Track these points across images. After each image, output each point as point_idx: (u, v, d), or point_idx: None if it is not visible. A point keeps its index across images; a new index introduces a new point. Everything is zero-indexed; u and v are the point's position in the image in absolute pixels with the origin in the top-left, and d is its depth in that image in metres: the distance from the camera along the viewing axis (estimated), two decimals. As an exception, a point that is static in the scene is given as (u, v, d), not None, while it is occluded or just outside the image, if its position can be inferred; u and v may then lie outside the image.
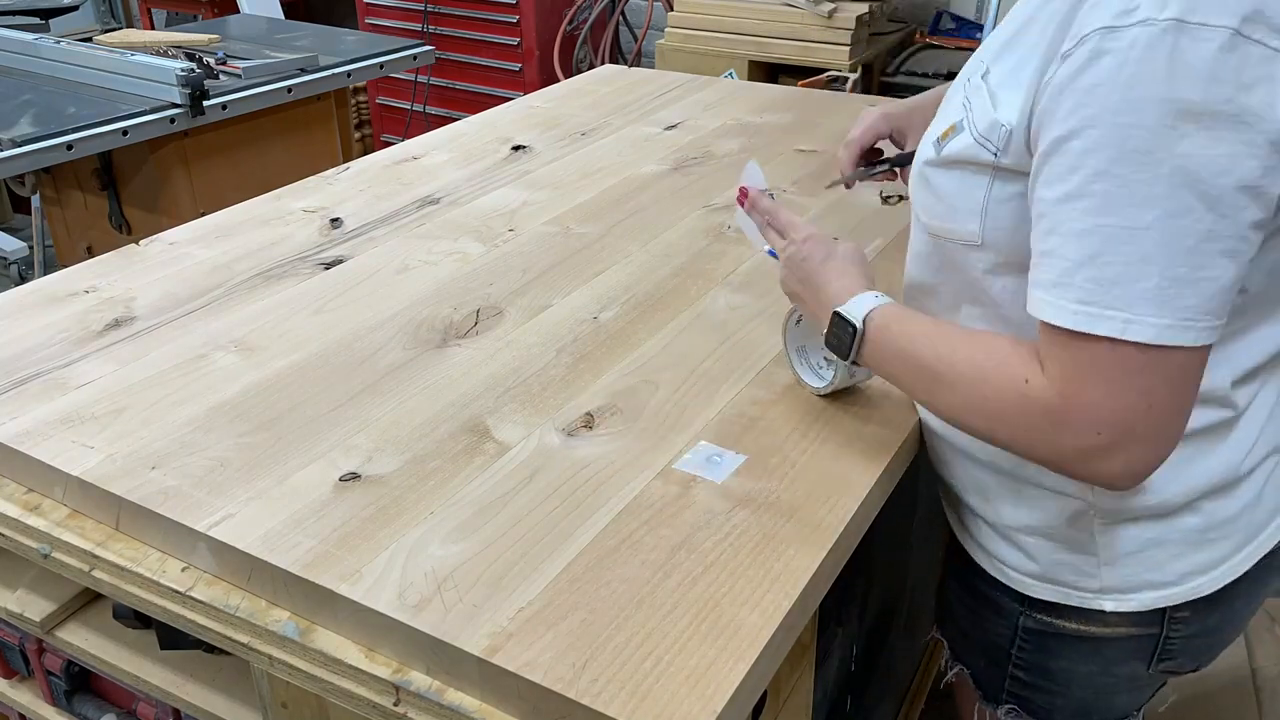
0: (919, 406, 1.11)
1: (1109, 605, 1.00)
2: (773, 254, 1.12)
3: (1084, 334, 0.78)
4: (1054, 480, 0.97)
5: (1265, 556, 1.02)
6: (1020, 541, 1.03)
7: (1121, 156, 0.75)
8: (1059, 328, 0.80)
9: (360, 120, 4.67)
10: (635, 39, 4.42)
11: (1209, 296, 0.76)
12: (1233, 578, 1.00)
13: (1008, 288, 0.93)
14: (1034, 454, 0.86)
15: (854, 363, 0.98)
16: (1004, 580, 1.06)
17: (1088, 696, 1.09)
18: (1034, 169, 0.83)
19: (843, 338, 0.98)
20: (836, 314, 0.98)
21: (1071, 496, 0.98)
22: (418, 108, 4.44)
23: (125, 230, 2.59)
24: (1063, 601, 1.03)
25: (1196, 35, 0.73)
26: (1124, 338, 0.77)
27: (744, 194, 1.14)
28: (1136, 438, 0.80)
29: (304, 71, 2.65)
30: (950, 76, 3.65)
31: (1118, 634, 1.03)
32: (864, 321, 0.96)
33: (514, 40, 4.23)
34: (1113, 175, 0.75)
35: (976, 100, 0.91)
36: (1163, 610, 1.00)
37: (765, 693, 0.90)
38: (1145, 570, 0.99)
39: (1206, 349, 0.79)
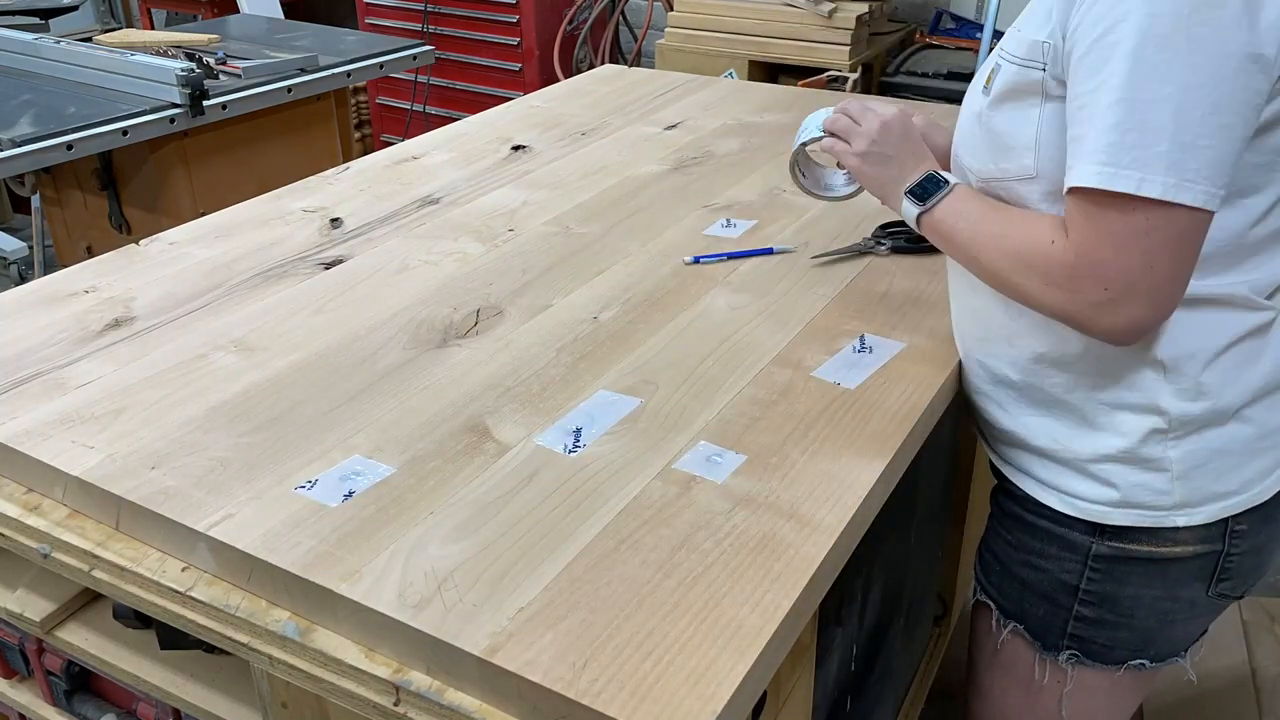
0: (972, 373, 1.22)
1: (1181, 520, 1.09)
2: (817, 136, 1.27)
3: (1103, 193, 0.91)
4: (1132, 399, 1.06)
5: None
6: (1097, 471, 1.10)
7: (1145, 41, 0.88)
8: (1082, 190, 0.92)
9: (360, 120, 4.67)
10: (635, 39, 4.42)
11: (1210, 163, 0.88)
12: None
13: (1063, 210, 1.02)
14: (1054, 305, 0.98)
15: (925, 211, 1.11)
16: (1076, 514, 1.13)
17: (1151, 625, 1.15)
18: (1071, 73, 0.94)
19: (929, 189, 1.12)
20: (932, 174, 1.13)
21: (1145, 413, 1.06)
22: (418, 108, 4.44)
23: (125, 230, 2.59)
24: (1137, 524, 1.10)
25: None
26: (1138, 193, 0.89)
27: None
28: (1138, 294, 0.92)
29: (304, 71, 2.65)
30: (950, 76, 3.66)
31: (1185, 553, 1.10)
32: (953, 186, 1.11)
33: (514, 40, 4.23)
34: (1137, 57, 0.88)
35: (1010, 42, 1.04)
36: (1225, 522, 1.09)
37: (765, 693, 0.90)
38: (1211, 481, 1.08)
39: (1207, 215, 0.91)
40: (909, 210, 1.14)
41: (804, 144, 1.29)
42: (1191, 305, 1.01)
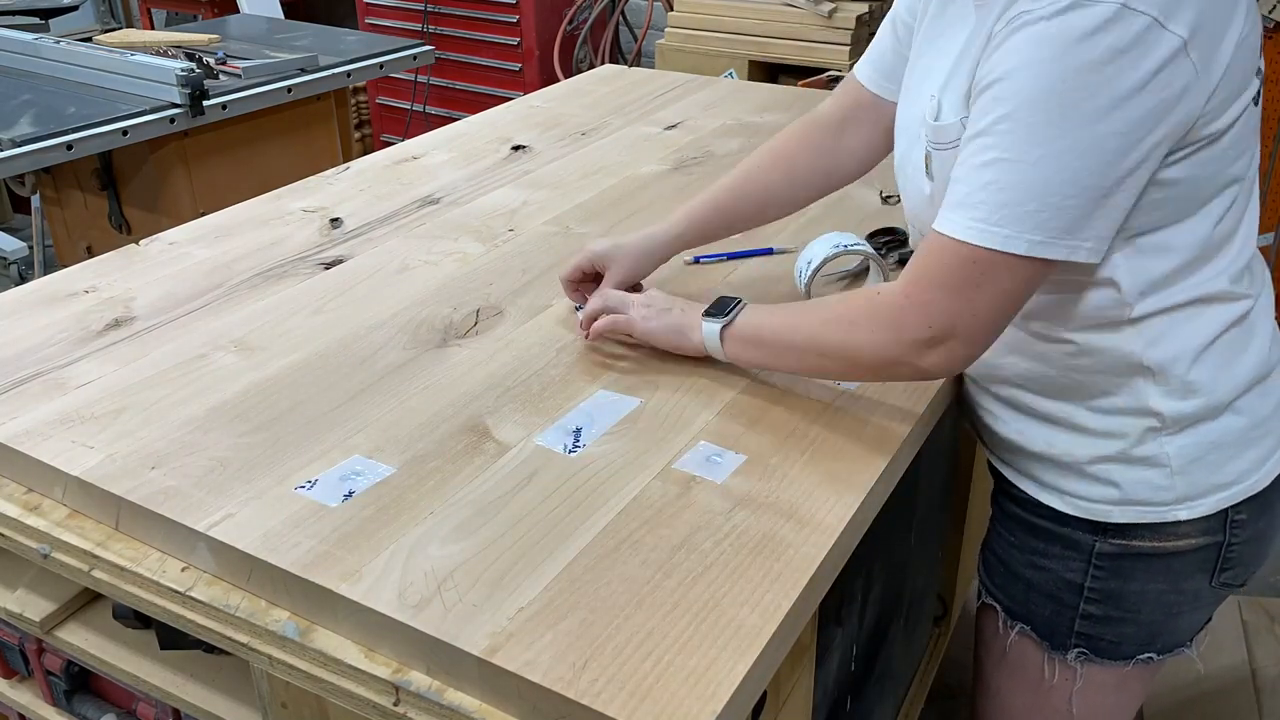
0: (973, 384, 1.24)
1: (1183, 514, 1.11)
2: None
3: (963, 244, 0.94)
4: (1123, 404, 1.09)
5: None
6: (1097, 472, 1.12)
7: (1023, 102, 0.91)
8: (944, 237, 0.96)
9: (360, 120, 4.67)
10: (635, 39, 4.42)
11: (1075, 220, 0.92)
12: (1278, 471, 1.13)
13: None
14: (879, 348, 1.02)
15: (727, 324, 1.14)
16: (1079, 513, 1.15)
17: (1157, 619, 1.17)
18: (970, 114, 0.98)
19: (724, 305, 1.16)
20: (719, 297, 1.18)
21: (1140, 415, 1.09)
22: (418, 108, 4.45)
23: (125, 230, 2.59)
24: (1140, 521, 1.12)
25: (1089, 10, 0.88)
26: (1003, 249, 0.92)
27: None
28: (959, 336, 0.97)
29: (304, 71, 2.65)
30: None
31: (1187, 546, 1.13)
32: (747, 301, 1.16)
33: (514, 40, 4.23)
34: (1014, 118, 0.91)
35: (933, 134, 1.06)
36: (1225, 513, 1.11)
37: (765, 693, 0.90)
38: (1209, 474, 1.10)
39: (1052, 264, 0.94)
40: (711, 330, 1.15)
41: (824, 262, 1.32)
42: (1176, 309, 1.04)
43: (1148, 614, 1.17)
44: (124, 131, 2.26)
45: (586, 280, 1.33)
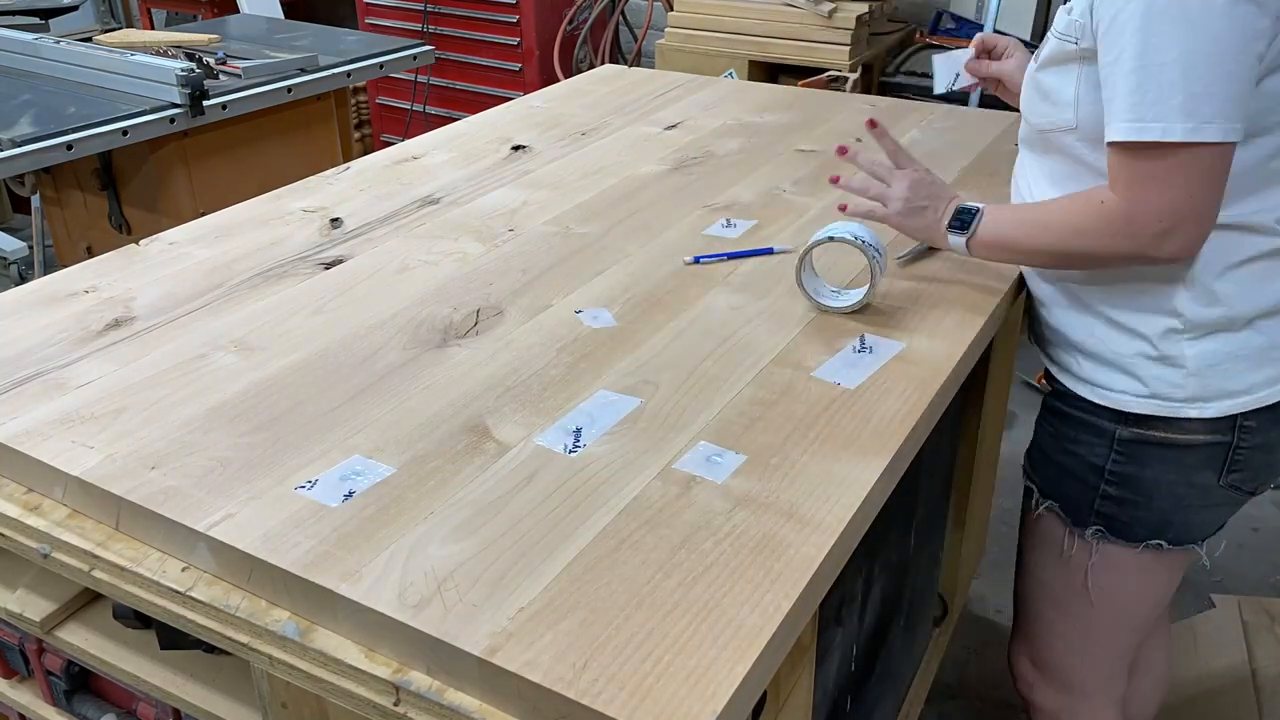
0: (1034, 279, 1.39)
1: (1193, 412, 1.25)
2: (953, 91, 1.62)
3: (1137, 144, 1.10)
4: (1153, 302, 1.24)
5: None
6: (1125, 365, 1.28)
7: (1151, 17, 1.07)
8: (1118, 144, 1.12)
9: (360, 120, 4.67)
10: (635, 39, 4.42)
11: (1219, 105, 1.07)
12: None
13: (1089, 158, 1.23)
14: (1120, 250, 1.17)
15: (971, 236, 1.30)
16: (1106, 403, 1.30)
17: (1167, 507, 1.31)
18: (1098, 46, 1.14)
19: (965, 219, 1.31)
20: (960, 206, 1.33)
21: (1166, 314, 1.24)
22: (418, 108, 4.44)
23: (125, 230, 2.59)
24: (1155, 413, 1.27)
25: None
26: (1164, 139, 1.08)
27: (872, 123, 1.40)
28: (1186, 220, 1.12)
29: (304, 71, 2.65)
30: (950, 76, 3.64)
31: (1197, 441, 1.27)
32: (983, 208, 1.31)
33: (514, 40, 4.23)
34: (1144, 30, 1.07)
35: (1058, 20, 1.24)
36: (1234, 418, 1.25)
37: (765, 693, 0.90)
38: (1223, 380, 1.24)
39: (1228, 147, 1.09)
40: (957, 242, 1.32)
41: (810, 247, 1.34)
42: (1217, 228, 1.16)
43: (1159, 501, 1.30)
44: (124, 131, 2.26)
45: (984, 54, 1.58)
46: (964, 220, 1.30)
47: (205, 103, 2.38)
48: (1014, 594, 1.57)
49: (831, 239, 1.31)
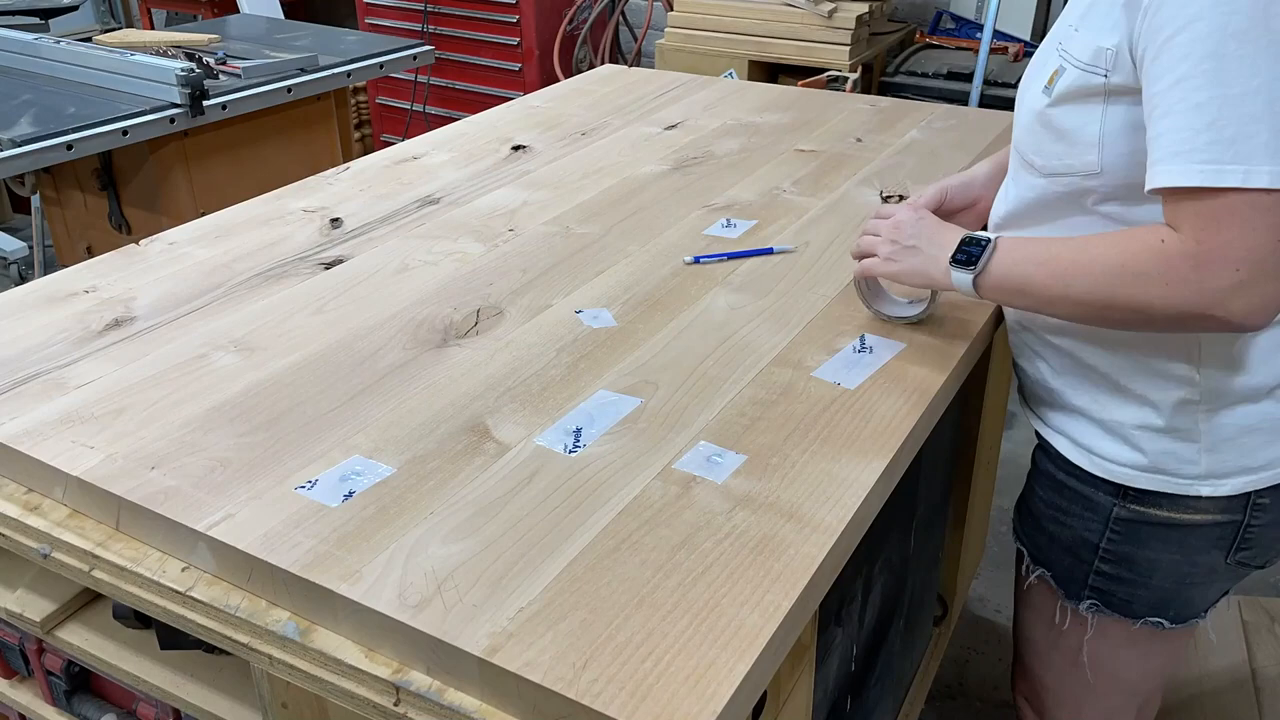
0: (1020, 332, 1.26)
1: (1206, 490, 1.14)
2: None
3: (1209, 189, 0.91)
4: (1166, 368, 1.10)
5: None
6: (1129, 436, 1.15)
7: (1225, 38, 0.90)
8: (1186, 189, 0.93)
9: (360, 120, 4.67)
10: (635, 39, 4.42)
11: None
12: None
13: (1116, 210, 1.07)
14: (1180, 303, 0.96)
15: (980, 273, 1.10)
16: (1103, 475, 1.18)
17: (1168, 587, 1.20)
18: (1144, 75, 0.97)
19: (973, 253, 1.11)
20: (966, 237, 1.13)
21: (1180, 384, 1.11)
22: (418, 108, 4.44)
23: (125, 230, 2.59)
24: (1161, 490, 1.15)
25: None
26: (1247, 185, 0.90)
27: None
28: (1269, 272, 0.91)
29: (304, 71, 2.65)
30: (950, 76, 3.66)
31: (1206, 520, 1.15)
32: (995, 240, 1.11)
33: (514, 40, 4.23)
34: (1220, 55, 0.90)
35: (1073, 44, 1.06)
36: (1248, 495, 1.14)
37: (765, 693, 0.90)
38: (1240, 456, 1.12)
39: None
40: (962, 280, 1.12)
41: None
42: None
43: (1159, 580, 1.20)
44: (124, 131, 2.26)
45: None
46: (971, 254, 1.10)
47: (205, 103, 2.38)
48: (1013, 633, 1.49)
49: None
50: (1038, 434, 1.30)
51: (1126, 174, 1.04)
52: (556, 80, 3.68)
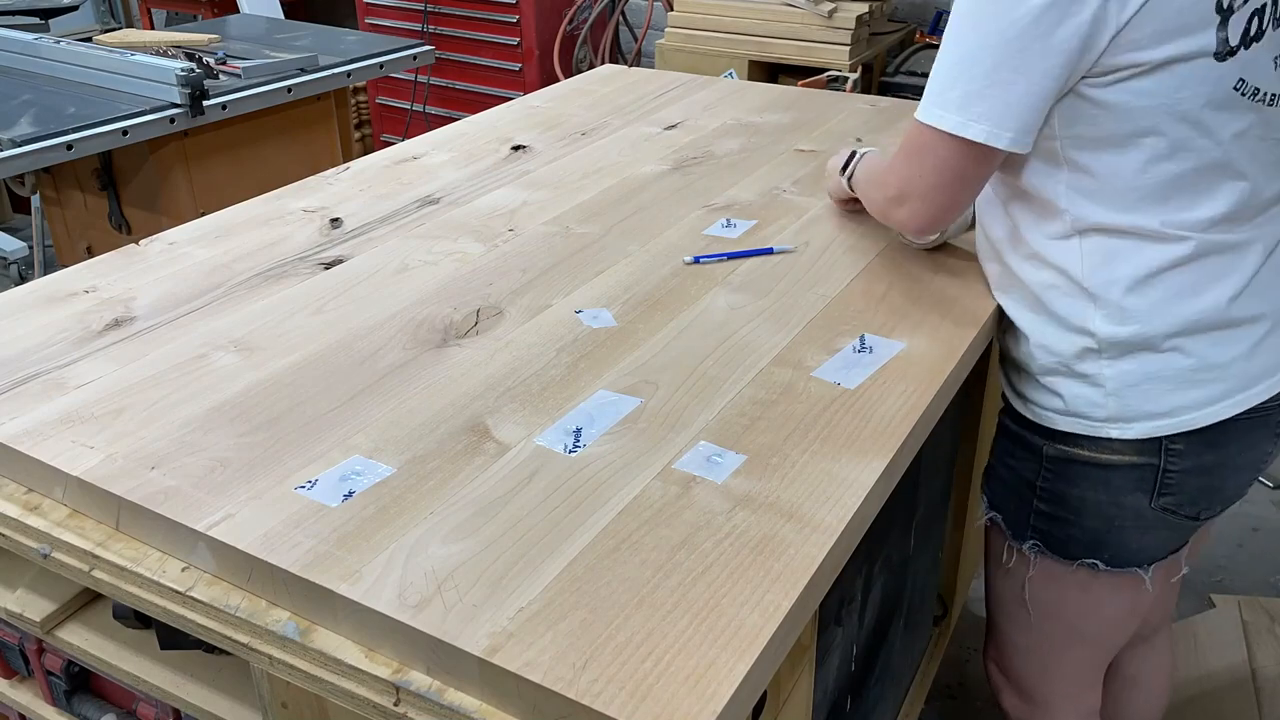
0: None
1: (1115, 432, 1.24)
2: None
3: (919, 124, 1.17)
4: (1067, 319, 1.24)
5: (1260, 414, 1.23)
6: (1048, 383, 1.28)
7: (962, 14, 1.13)
8: (915, 124, 1.19)
9: (360, 120, 4.67)
10: (635, 39, 4.42)
11: (993, 109, 1.11)
12: (1220, 418, 1.21)
13: (999, 177, 1.28)
14: (873, 202, 1.36)
15: (848, 177, 1.51)
16: (1035, 419, 1.31)
17: (1098, 527, 1.29)
18: None
19: (848, 163, 1.51)
20: (852, 152, 1.53)
21: (1081, 334, 1.23)
22: (418, 108, 4.44)
23: (125, 230, 2.59)
24: (1078, 431, 1.26)
25: None
26: (936, 125, 1.15)
27: None
28: (914, 195, 1.21)
29: (304, 71, 2.65)
30: (950, 76, 3.64)
31: (1123, 461, 1.25)
32: (863, 154, 1.51)
33: (514, 40, 4.23)
34: (954, 26, 1.14)
35: None
36: (1159, 441, 1.22)
37: (765, 693, 0.90)
38: (1143, 401, 1.22)
39: (990, 150, 1.14)
40: (840, 180, 1.52)
41: None
42: (1104, 232, 1.18)
43: (1089, 520, 1.29)
44: (124, 131, 2.26)
45: None
46: (848, 162, 1.50)
47: (205, 103, 2.38)
48: (985, 593, 1.58)
49: None
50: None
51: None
52: (556, 80, 3.67)
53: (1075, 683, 1.47)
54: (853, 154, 1.51)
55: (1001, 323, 1.36)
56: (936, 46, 1.26)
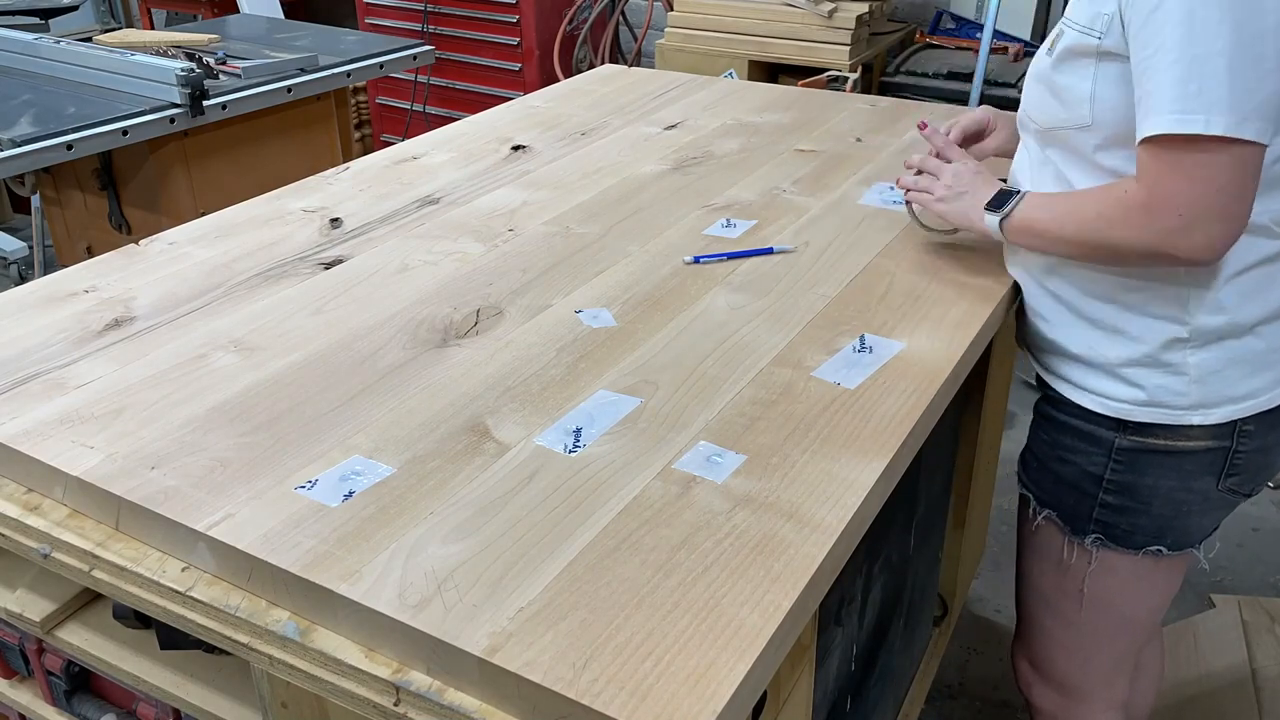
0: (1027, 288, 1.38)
1: (1197, 419, 1.26)
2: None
3: (1174, 137, 1.07)
4: (1158, 310, 1.24)
5: None
6: (1126, 374, 1.28)
7: (1193, 8, 1.05)
8: (1155, 137, 1.09)
9: (360, 120, 4.67)
10: (635, 39, 4.42)
11: (1261, 103, 1.06)
12: None
13: (1115, 160, 1.21)
14: (1139, 242, 1.14)
15: (1005, 217, 1.30)
16: (1106, 411, 1.30)
17: (1167, 514, 1.31)
18: (1131, 42, 1.11)
19: (1003, 200, 1.31)
20: (1002, 190, 1.33)
21: (1172, 324, 1.24)
22: (418, 108, 4.44)
23: (125, 230, 2.59)
24: (1158, 421, 1.27)
25: None
26: (1206, 132, 1.05)
27: (923, 125, 1.48)
28: (1208, 215, 1.09)
29: (304, 71, 2.65)
30: (951, 76, 3.66)
31: (1199, 447, 1.27)
32: (1024, 193, 1.30)
33: (514, 40, 4.23)
34: (1189, 22, 1.05)
35: (1075, 9, 1.21)
36: (1235, 423, 1.26)
37: (765, 693, 0.90)
38: (1225, 386, 1.25)
39: (1261, 148, 1.07)
40: (991, 221, 1.31)
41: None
42: None
43: (1159, 507, 1.31)
44: (124, 131, 2.26)
45: (968, 142, 1.50)
46: (1001, 202, 1.31)
47: (205, 103, 2.38)
48: (1015, 597, 1.57)
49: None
50: (1041, 383, 1.41)
51: (1115, 126, 1.18)
52: (556, 80, 3.67)
53: (1115, 671, 1.48)
54: (1002, 192, 1.33)
55: (1034, 318, 1.37)
56: (936, 46, 1.24)
